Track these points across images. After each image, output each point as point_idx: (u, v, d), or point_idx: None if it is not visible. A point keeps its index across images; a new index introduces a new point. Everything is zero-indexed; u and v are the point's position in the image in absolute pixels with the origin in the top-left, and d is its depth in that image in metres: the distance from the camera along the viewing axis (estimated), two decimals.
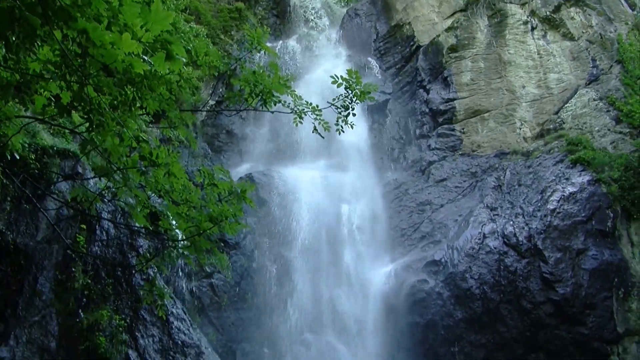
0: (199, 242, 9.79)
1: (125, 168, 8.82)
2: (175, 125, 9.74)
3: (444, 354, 21.39)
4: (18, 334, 11.64)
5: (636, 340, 19.62)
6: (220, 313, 20.92)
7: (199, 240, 9.74)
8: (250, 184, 10.23)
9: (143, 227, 12.05)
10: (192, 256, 10.41)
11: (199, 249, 9.86)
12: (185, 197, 9.87)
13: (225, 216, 9.61)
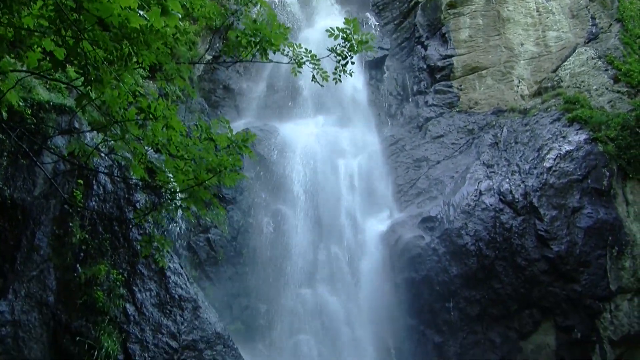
0: (198, 193, 9.79)
1: (123, 121, 8.79)
2: (172, 78, 9.69)
3: (439, 309, 21.59)
4: (16, 288, 11.72)
5: (628, 297, 19.80)
6: (217, 268, 21.05)
7: (197, 190, 9.75)
8: (252, 134, 10.20)
9: (141, 180, 12.08)
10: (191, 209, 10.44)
11: (197, 201, 9.88)
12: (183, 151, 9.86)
13: (224, 166, 9.60)
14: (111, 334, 13.41)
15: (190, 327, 15.21)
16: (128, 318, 14.06)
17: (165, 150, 9.63)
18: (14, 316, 11.61)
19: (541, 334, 20.74)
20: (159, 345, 14.44)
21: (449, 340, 21.15)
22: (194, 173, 9.65)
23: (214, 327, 15.73)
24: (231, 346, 15.96)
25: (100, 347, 12.99)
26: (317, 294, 22.31)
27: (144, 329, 14.27)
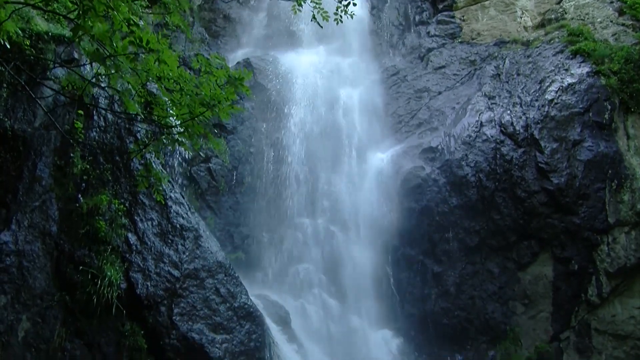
0: (193, 128, 9.77)
1: (116, 55, 8.68)
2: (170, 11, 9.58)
3: (439, 239, 21.79)
4: (19, 218, 11.81)
5: (626, 230, 19.95)
6: (218, 197, 21.18)
7: (192, 125, 9.72)
8: (248, 72, 10.12)
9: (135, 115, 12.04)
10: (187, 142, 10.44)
11: (192, 135, 9.86)
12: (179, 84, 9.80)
13: (218, 100, 9.56)
14: (114, 263, 13.56)
15: (192, 256, 15.35)
16: (130, 247, 14.19)
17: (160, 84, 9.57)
18: (18, 246, 11.73)
19: (539, 265, 20.99)
20: (161, 274, 14.61)
21: (448, 270, 21.43)
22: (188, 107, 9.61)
23: (215, 256, 15.86)
24: (232, 275, 16.13)
25: (103, 276, 13.13)
26: (317, 224, 22.48)
27: (146, 258, 14.42)
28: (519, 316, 20.86)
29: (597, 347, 20.04)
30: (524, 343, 20.45)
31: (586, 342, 20.16)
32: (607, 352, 19.91)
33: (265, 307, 17.69)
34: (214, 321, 15.26)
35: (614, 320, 19.91)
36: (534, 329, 20.70)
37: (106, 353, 13.34)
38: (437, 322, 21.05)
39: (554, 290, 20.66)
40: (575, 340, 20.32)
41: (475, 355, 20.59)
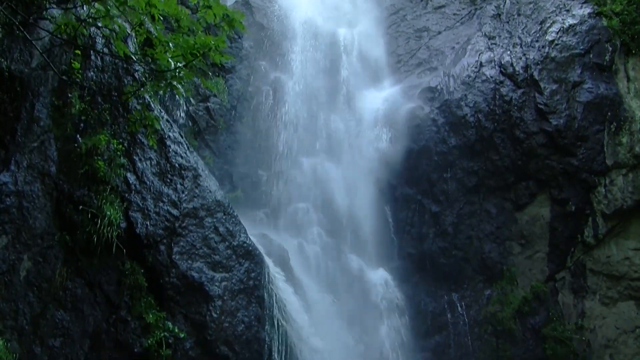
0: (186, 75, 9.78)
1: None
2: None
3: (437, 179, 21.87)
4: (18, 159, 11.79)
5: (623, 173, 19.98)
6: (217, 136, 21.16)
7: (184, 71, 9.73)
8: (241, 13, 10.07)
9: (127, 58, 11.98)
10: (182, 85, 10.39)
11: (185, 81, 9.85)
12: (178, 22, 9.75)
13: (208, 48, 9.56)
14: (113, 202, 13.61)
15: (191, 195, 15.42)
16: (129, 187, 14.24)
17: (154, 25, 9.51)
18: (17, 187, 11.74)
19: (536, 206, 21.11)
20: (160, 213, 14.69)
21: (446, 210, 21.55)
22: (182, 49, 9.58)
23: (214, 195, 15.94)
24: (231, 214, 16.23)
25: (103, 215, 13.20)
26: (316, 163, 22.48)
27: (145, 198, 14.48)
28: (515, 256, 21.06)
29: (592, 287, 20.28)
30: (520, 283, 20.69)
31: (581, 283, 20.40)
32: (601, 292, 20.15)
33: (264, 246, 17.77)
34: (213, 260, 15.40)
35: (609, 261, 20.12)
36: (530, 269, 20.92)
37: (107, 292, 13.50)
38: (435, 262, 21.26)
39: (550, 231, 20.82)
40: (570, 280, 20.56)
41: (471, 294, 20.85)
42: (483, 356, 19.88)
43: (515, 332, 20.05)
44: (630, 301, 19.87)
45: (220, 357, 14.94)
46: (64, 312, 12.75)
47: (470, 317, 20.47)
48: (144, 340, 13.69)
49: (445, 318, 20.55)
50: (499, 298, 20.47)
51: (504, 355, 19.79)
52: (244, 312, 15.57)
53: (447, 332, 20.33)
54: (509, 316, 20.10)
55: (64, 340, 12.62)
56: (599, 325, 20.03)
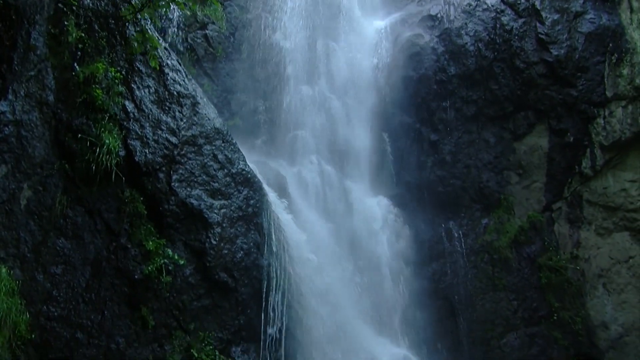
0: None
1: None
2: None
3: (436, 108, 21.84)
4: (16, 88, 11.70)
5: (623, 104, 19.88)
6: (215, 64, 20.99)
7: None
8: None
9: None
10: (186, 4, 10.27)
11: None
12: None
13: None
14: (112, 131, 13.60)
15: (189, 123, 15.42)
16: (127, 115, 14.21)
17: None
18: (16, 116, 11.70)
19: (535, 136, 21.12)
20: (159, 141, 14.71)
21: (445, 139, 21.56)
22: None
23: (212, 123, 15.93)
24: (230, 141, 16.26)
25: (102, 144, 13.21)
26: (315, 91, 22.37)
27: (144, 126, 14.47)
28: (513, 186, 21.18)
29: (588, 217, 20.45)
30: (516, 212, 20.87)
31: (577, 213, 20.56)
32: (597, 222, 20.33)
33: (263, 174, 17.83)
34: (212, 187, 15.50)
35: (605, 192, 20.24)
36: (527, 198, 21.06)
37: (107, 219, 13.61)
38: (433, 190, 21.38)
39: (548, 161, 20.89)
40: (566, 210, 20.72)
41: (469, 222, 21.03)
42: (479, 284, 20.17)
43: (511, 260, 20.31)
44: (624, 232, 20.08)
45: (220, 284, 15.18)
46: (65, 240, 12.88)
47: (467, 245, 20.69)
48: (144, 267, 13.87)
49: (442, 246, 20.78)
50: (496, 227, 20.66)
51: (499, 284, 20.09)
52: (243, 239, 15.77)
53: (444, 259, 20.58)
54: (505, 245, 20.33)
55: (65, 267, 12.79)
56: (593, 255, 20.29)
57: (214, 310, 15.14)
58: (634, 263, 19.93)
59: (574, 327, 19.78)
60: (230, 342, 15.27)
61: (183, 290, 14.64)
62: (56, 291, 12.59)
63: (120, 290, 13.59)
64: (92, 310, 13.04)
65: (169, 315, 14.37)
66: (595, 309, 19.98)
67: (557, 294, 20.04)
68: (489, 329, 19.76)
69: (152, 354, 13.99)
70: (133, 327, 13.69)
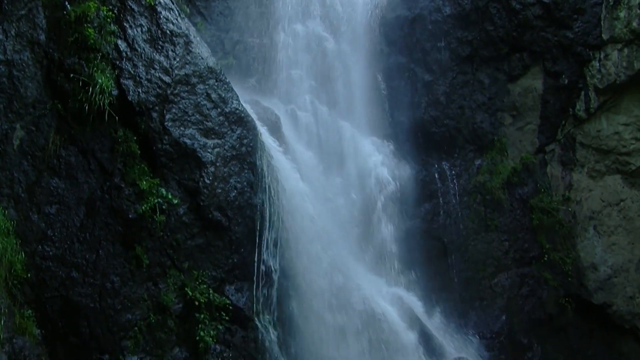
0: None
1: None
2: None
3: (430, 48, 21.72)
4: (6, 27, 11.60)
5: (619, 47, 19.67)
6: (209, 3, 20.75)
7: None
8: None
9: None
10: None
11: None
12: None
13: None
14: (104, 70, 13.54)
15: (183, 62, 15.34)
16: (120, 54, 14.12)
17: None
18: (7, 56, 11.64)
19: (529, 77, 21.03)
20: (152, 80, 14.65)
21: (439, 79, 21.48)
22: None
23: (206, 62, 15.84)
24: (223, 80, 16.20)
25: (94, 83, 13.17)
26: (309, 29, 22.19)
27: (137, 65, 14.39)
28: (506, 127, 21.17)
29: (580, 160, 20.50)
30: (510, 154, 20.91)
31: (570, 155, 20.61)
32: (589, 165, 20.40)
33: (256, 113, 17.81)
34: (206, 126, 15.50)
35: (598, 135, 20.24)
36: (520, 140, 21.09)
37: (100, 159, 13.65)
38: (426, 131, 21.38)
39: (542, 103, 20.85)
40: (559, 153, 20.76)
41: (462, 163, 21.09)
42: (471, 224, 20.33)
43: (504, 201, 20.43)
44: (616, 175, 20.17)
45: (214, 223, 15.29)
46: (59, 180, 12.95)
47: (460, 186, 20.79)
48: (138, 206, 13.96)
49: (435, 186, 20.87)
50: (489, 168, 20.72)
51: (491, 224, 20.25)
52: (236, 178, 15.83)
53: (437, 200, 20.70)
54: (498, 186, 20.41)
55: (60, 207, 12.88)
56: (585, 198, 20.41)
57: (207, 249, 15.25)
58: (625, 206, 20.08)
59: (564, 268, 20.04)
60: (224, 281, 15.44)
61: (177, 230, 14.75)
62: (51, 231, 12.70)
63: (114, 229, 13.70)
64: (87, 250, 13.17)
65: (163, 254, 14.52)
66: (586, 251, 20.20)
67: (548, 235, 20.24)
68: (480, 269, 19.98)
69: (147, 292, 14.17)
70: (127, 266, 13.84)
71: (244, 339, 15.49)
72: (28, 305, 12.38)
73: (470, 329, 19.43)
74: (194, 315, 14.60)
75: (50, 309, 12.64)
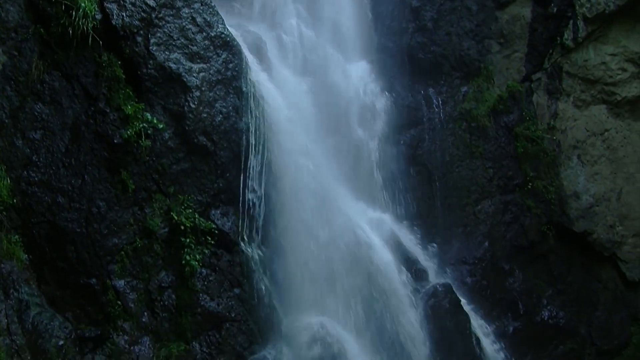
0: None
1: None
2: None
3: None
4: None
5: None
6: None
7: None
8: None
9: None
10: None
11: None
12: None
13: None
14: None
15: None
16: None
17: None
18: None
19: (518, 5, 20.75)
20: (136, 3, 14.61)
21: (427, 5, 21.13)
22: None
23: None
24: (208, 4, 16.12)
25: (77, 7, 13.00)
26: None
27: None
28: (493, 55, 21.01)
29: (566, 89, 20.48)
30: (496, 81, 20.77)
31: (556, 84, 20.57)
32: (575, 94, 20.40)
33: (242, 37, 17.62)
34: (191, 50, 15.46)
35: (585, 65, 20.17)
36: (507, 68, 20.97)
37: (85, 84, 13.59)
38: (413, 57, 21.18)
39: (530, 31, 20.68)
40: (546, 81, 20.70)
41: (448, 90, 20.96)
42: (456, 151, 20.33)
43: (489, 129, 20.42)
44: (602, 105, 20.24)
45: (199, 147, 15.37)
46: (43, 105, 12.90)
47: (446, 112, 20.70)
48: (124, 131, 14.00)
49: (421, 112, 20.76)
50: (475, 95, 20.63)
51: (476, 151, 20.28)
52: (222, 103, 15.86)
53: (422, 126, 20.61)
54: (484, 113, 20.36)
55: (44, 132, 12.86)
56: (569, 127, 20.47)
57: (193, 174, 15.37)
58: (609, 136, 20.22)
59: (547, 196, 20.21)
60: (209, 205, 15.59)
61: (162, 154, 14.83)
62: (36, 156, 12.71)
63: (99, 154, 13.74)
64: (73, 175, 13.22)
65: (148, 179, 14.62)
66: (569, 179, 20.37)
67: (533, 163, 20.32)
68: (464, 195, 20.10)
69: (133, 217, 14.30)
70: (113, 190, 13.94)
71: (230, 263, 15.71)
72: (15, 230, 12.48)
73: (453, 255, 19.66)
74: (179, 239, 14.78)
75: (37, 234, 12.75)
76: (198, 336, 14.84)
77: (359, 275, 17.28)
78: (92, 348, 13.37)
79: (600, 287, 20.59)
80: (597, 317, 20.24)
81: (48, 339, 12.29)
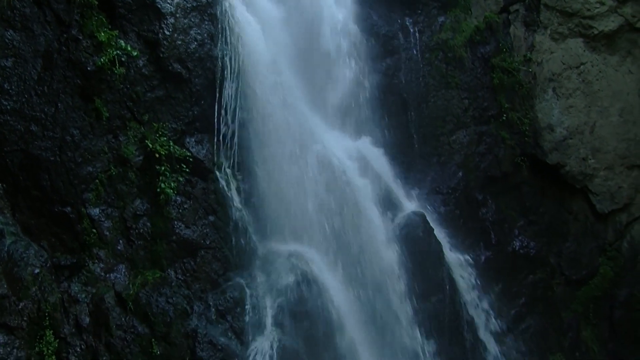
0: None
1: None
2: None
3: None
4: None
5: None
6: None
7: None
8: None
9: None
10: None
11: None
12: None
13: None
14: None
15: None
16: None
17: None
18: None
19: None
20: None
21: None
22: None
23: None
24: None
25: None
26: None
27: None
28: None
29: (544, 21, 20.45)
30: (473, 12, 20.65)
31: (534, 16, 20.51)
32: (552, 27, 20.39)
33: None
34: None
35: None
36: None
37: (57, 10, 13.34)
38: None
39: None
40: (524, 13, 20.65)
41: (425, 19, 20.75)
42: (432, 81, 20.31)
43: (465, 60, 20.38)
44: (578, 38, 20.30)
45: (173, 74, 15.32)
46: (14, 32, 12.65)
47: (422, 42, 20.54)
48: (97, 58, 13.85)
49: (398, 42, 20.56)
50: (452, 26, 20.48)
51: (452, 82, 20.27)
52: (196, 30, 15.74)
53: (399, 55, 20.47)
54: (461, 44, 20.28)
55: (16, 60, 12.66)
56: (546, 60, 20.53)
57: (167, 102, 15.32)
58: (585, 69, 20.33)
59: (521, 127, 20.40)
60: (184, 133, 15.60)
61: (137, 82, 14.76)
62: (7, 84, 12.52)
63: (73, 82, 13.58)
64: (45, 103, 13.08)
65: (123, 107, 14.57)
66: (543, 112, 20.54)
67: (508, 95, 20.41)
68: (439, 125, 20.16)
69: (107, 145, 14.27)
70: (87, 118, 13.84)
71: (205, 190, 15.78)
72: None
73: (427, 184, 19.83)
74: (154, 167, 14.80)
75: (11, 162, 12.67)
76: (173, 263, 15.00)
77: (334, 202, 17.39)
78: (68, 276, 13.50)
79: (570, 219, 21.02)
80: (566, 247, 20.74)
81: (24, 268, 12.36)
